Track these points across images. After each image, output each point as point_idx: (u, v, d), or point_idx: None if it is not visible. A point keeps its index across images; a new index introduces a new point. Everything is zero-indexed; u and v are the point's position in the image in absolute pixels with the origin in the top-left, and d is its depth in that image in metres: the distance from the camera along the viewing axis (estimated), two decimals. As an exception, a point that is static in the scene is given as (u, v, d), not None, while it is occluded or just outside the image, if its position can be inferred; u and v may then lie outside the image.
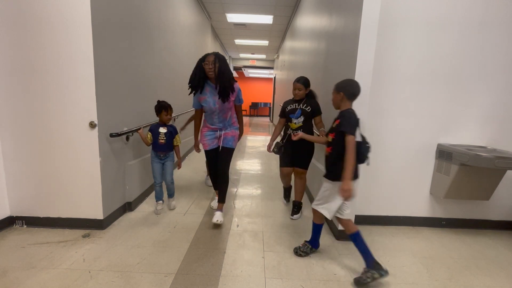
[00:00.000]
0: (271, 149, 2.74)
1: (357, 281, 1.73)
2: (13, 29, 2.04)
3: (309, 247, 2.04)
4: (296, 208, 2.74)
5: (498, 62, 2.39)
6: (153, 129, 2.60)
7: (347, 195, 1.67)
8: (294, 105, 2.62)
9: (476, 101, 2.46)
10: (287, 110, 2.64)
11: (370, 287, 1.72)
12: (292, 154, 2.65)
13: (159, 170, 2.65)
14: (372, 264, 1.72)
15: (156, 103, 2.62)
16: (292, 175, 2.83)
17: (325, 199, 1.88)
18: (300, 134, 2.22)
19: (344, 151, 1.70)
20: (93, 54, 2.06)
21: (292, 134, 2.54)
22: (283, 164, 2.77)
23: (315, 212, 1.97)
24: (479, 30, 2.34)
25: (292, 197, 2.80)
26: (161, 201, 2.70)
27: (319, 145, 2.76)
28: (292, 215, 2.70)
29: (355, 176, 1.75)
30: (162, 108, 2.58)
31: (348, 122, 1.73)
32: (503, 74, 2.41)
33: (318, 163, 2.89)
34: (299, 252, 2.04)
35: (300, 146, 2.57)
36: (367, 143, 1.80)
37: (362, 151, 1.76)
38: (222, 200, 2.54)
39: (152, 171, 2.66)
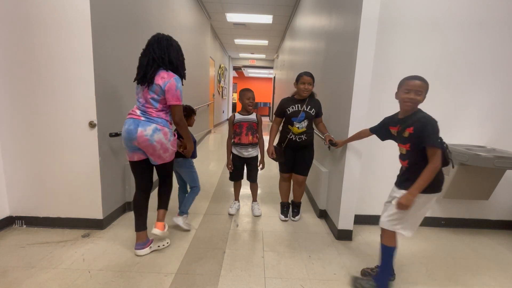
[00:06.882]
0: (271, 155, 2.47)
1: (354, 282, 1.73)
2: (12, 29, 2.03)
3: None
4: (296, 209, 2.70)
5: (497, 62, 2.39)
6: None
7: (403, 209, 1.49)
8: (296, 106, 2.38)
9: (475, 100, 2.46)
10: (288, 112, 2.39)
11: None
12: (293, 159, 2.49)
13: None
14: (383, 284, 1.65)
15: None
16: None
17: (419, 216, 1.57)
18: (341, 143, 2.16)
19: (424, 161, 1.46)
20: (93, 54, 2.06)
21: (295, 138, 2.38)
22: (284, 169, 2.58)
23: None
24: (478, 30, 2.34)
25: (290, 196, 2.77)
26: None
27: (320, 146, 2.76)
28: (293, 216, 2.66)
29: (439, 189, 1.52)
30: (192, 112, 2.31)
31: (434, 133, 1.43)
32: (503, 74, 2.41)
33: (320, 165, 2.89)
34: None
35: (303, 151, 2.45)
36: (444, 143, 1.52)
37: (447, 155, 1.51)
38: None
39: (198, 178, 2.40)
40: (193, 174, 2.36)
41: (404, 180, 1.58)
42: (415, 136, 1.48)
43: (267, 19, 6.96)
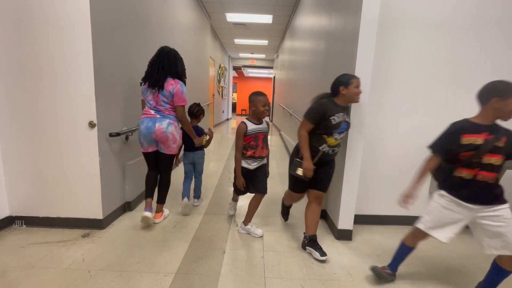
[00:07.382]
0: (292, 171, 2.03)
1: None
2: (13, 29, 2.03)
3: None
4: (317, 243, 2.05)
5: (498, 61, 2.39)
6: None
7: None
8: (340, 115, 1.92)
9: (475, 100, 2.46)
10: (333, 121, 1.89)
11: (372, 286, 1.73)
12: (315, 174, 2.00)
13: None
14: None
15: (197, 106, 2.77)
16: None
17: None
18: (412, 188, 1.72)
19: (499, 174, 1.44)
20: (93, 54, 2.06)
21: (329, 150, 1.97)
22: (299, 188, 2.17)
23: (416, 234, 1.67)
24: (478, 30, 2.34)
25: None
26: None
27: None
28: (322, 256, 1.96)
29: None
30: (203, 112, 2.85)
31: None
32: (503, 73, 2.41)
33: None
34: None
35: (329, 164, 2.09)
36: None
37: None
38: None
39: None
40: (203, 165, 2.92)
41: (500, 193, 1.50)
42: (508, 147, 1.40)
43: (267, 19, 6.96)
